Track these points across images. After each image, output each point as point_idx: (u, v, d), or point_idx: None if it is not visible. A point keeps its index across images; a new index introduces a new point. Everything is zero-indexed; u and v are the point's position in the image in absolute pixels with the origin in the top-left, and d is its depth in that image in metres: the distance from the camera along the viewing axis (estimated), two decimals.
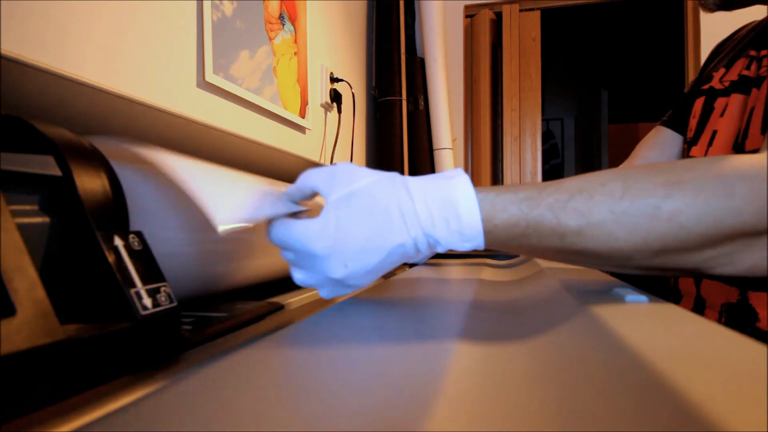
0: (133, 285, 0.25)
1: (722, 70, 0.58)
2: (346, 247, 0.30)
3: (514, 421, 0.14)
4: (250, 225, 0.29)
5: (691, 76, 1.76)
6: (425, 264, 0.73)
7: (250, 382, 0.18)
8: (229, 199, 0.29)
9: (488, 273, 0.56)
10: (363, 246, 0.30)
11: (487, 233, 0.31)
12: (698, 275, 0.33)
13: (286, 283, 0.46)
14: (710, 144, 0.56)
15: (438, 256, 0.85)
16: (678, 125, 0.65)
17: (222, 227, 0.26)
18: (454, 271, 0.59)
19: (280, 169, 0.68)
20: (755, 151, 0.48)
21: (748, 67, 0.54)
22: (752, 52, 0.55)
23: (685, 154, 0.62)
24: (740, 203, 0.28)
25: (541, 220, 0.31)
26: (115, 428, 0.13)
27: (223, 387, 0.17)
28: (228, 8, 0.90)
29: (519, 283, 0.48)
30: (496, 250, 0.33)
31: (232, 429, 0.13)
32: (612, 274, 0.51)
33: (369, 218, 0.30)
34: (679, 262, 0.31)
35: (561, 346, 0.22)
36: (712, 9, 0.56)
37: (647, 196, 0.29)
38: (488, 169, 1.94)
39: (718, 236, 0.29)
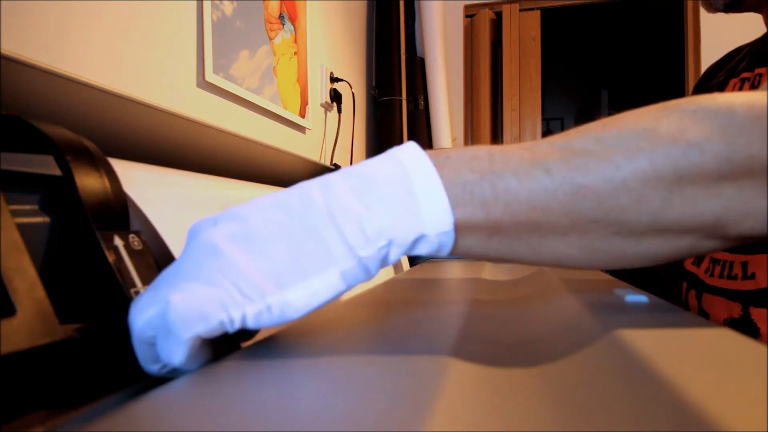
0: (133, 285, 0.25)
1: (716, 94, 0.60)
2: None
3: (513, 422, 0.14)
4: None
5: (691, 75, 1.76)
6: (424, 263, 0.73)
7: (251, 382, 0.18)
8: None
9: (487, 272, 0.56)
10: None
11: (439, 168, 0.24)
12: (721, 242, 0.27)
13: None
14: None
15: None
16: None
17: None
18: (453, 270, 0.59)
19: (280, 168, 0.68)
20: None
21: (740, 89, 0.55)
22: (745, 74, 0.56)
23: None
24: (745, 123, 0.23)
25: (509, 153, 0.25)
26: (115, 428, 0.13)
27: (223, 387, 0.17)
28: (228, 8, 0.90)
29: (518, 282, 0.48)
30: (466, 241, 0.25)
31: (232, 429, 0.13)
32: (613, 273, 0.51)
33: None
34: (701, 206, 0.24)
35: (561, 345, 0.22)
36: (719, 9, 0.56)
37: (635, 124, 0.24)
38: None
39: (735, 160, 0.23)
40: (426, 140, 1.78)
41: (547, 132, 3.81)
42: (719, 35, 1.64)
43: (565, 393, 0.16)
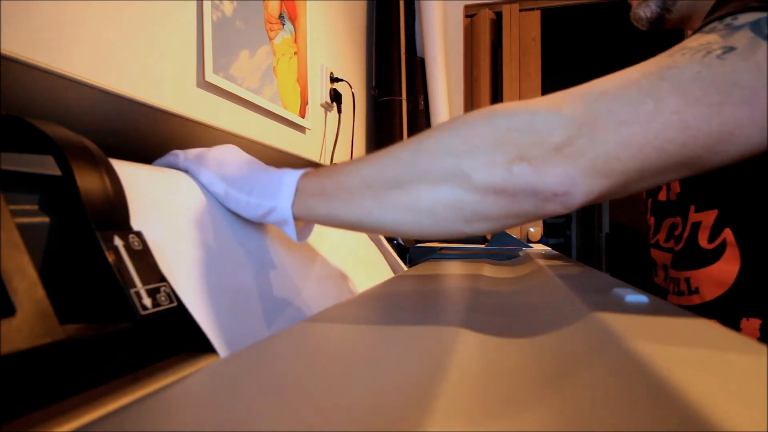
0: (133, 285, 0.25)
1: None
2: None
3: (514, 421, 0.14)
4: None
5: None
6: (426, 261, 0.73)
7: (251, 382, 0.18)
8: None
9: (488, 271, 0.56)
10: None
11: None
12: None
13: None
14: (668, 193, 0.60)
15: (438, 256, 0.85)
16: None
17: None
18: (453, 269, 0.59)
19: (280, 168, 0.68)
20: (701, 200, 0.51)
21: None
22: None
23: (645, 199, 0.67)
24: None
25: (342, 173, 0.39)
26: (115, 428, 0.13)
27: (224, 386, 0.17)
28: (228, 8, 0.90)
29: (519, 282, 0.48)
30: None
31: (232, 429, 0.13)
32: (612, 274, 0.51)
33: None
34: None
35: (561, 345, 0.22)
36: (645, 27, 0.60)
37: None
38: None
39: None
40: None
41: None
42: None
43: (563, 392, 0.16)
